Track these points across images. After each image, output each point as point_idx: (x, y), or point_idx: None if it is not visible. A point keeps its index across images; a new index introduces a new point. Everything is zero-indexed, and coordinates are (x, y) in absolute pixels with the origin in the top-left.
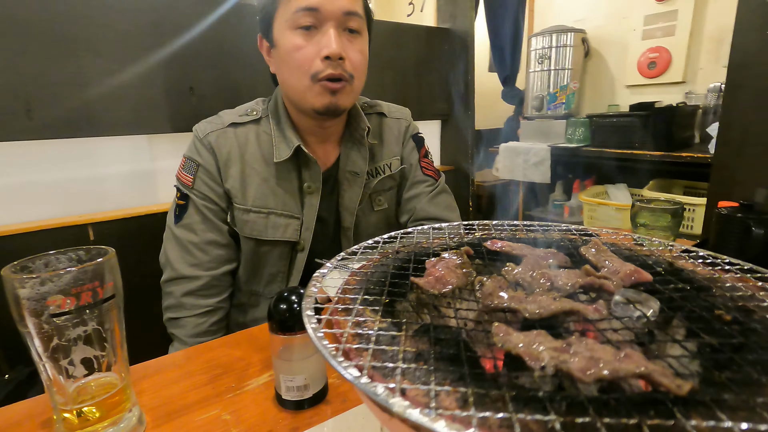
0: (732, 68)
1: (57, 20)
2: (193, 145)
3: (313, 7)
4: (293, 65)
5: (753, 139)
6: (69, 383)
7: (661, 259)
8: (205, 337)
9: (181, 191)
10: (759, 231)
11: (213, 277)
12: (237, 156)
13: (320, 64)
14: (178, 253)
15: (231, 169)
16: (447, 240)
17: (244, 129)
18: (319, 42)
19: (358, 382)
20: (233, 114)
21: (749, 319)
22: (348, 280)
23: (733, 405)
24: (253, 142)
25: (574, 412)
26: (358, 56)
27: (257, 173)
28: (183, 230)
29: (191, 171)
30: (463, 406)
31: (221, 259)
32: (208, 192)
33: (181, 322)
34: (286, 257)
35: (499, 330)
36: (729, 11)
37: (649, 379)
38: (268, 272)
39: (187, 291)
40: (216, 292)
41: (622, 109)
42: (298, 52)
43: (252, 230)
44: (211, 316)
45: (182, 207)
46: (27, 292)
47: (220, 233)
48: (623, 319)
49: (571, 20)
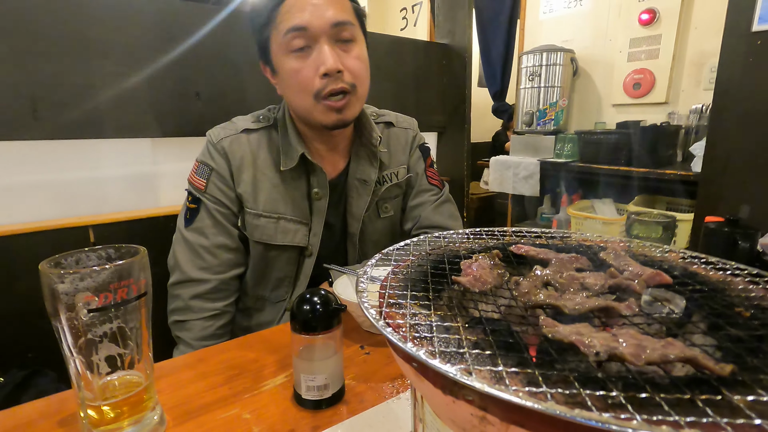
0: (718, 92)
1: (66, 21)
2: (206, 150)
3: (302, 26)
4: (295, 88)
5: (737, 158)
6: (97, 379)
7: (675, 264)
8: (211, 341)
9: (193, 195)
10: (745, 245)
11: (221, 281)
12: (249, 161)
13: (320, 82)
14: (187, 257)
15: (243, 174)
16: (466, 245)
17: (257, 135)
18: (315, 60)
19: (450, 370)
20: (247, 120)
21: (766, 315)
22: (391, 278)
23: (767, 384)
24: (264, 149)
25: (632, 389)
26: (357, 63)
27: (268, 179)
28: (193, 234)
29: (204, 175)
30: (529, 385)
31: (230, 263)
32: (221, 196)
33: (188, 325)
34: (293, 262)
35: (547, 323)
36: (709, 38)
37: (694, 362)
38: (276, 277)
39: (195, 294)
40: (224, 295)
41: (608, 127)
42: (298, 75)
43: (262, 235)
44: (217, 319)
45: (193, 211)
46: (65, 287)
47: (231, 237)
48: (654, 315)
49: (560, 40)
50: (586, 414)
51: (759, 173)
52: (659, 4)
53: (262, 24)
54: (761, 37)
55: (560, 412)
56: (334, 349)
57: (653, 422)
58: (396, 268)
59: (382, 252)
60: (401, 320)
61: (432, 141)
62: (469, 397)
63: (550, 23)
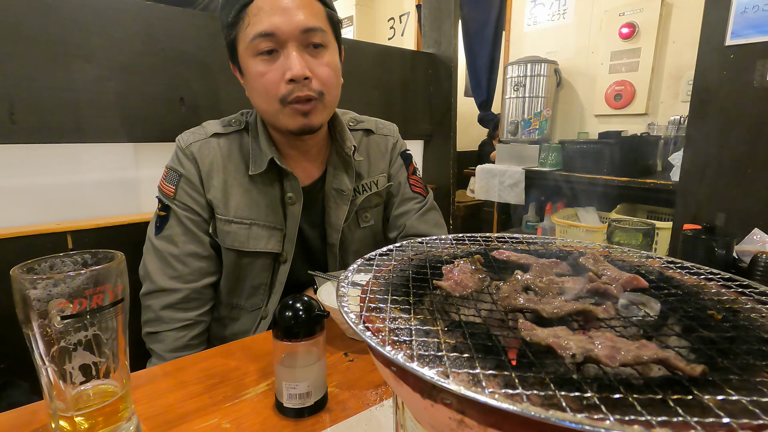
0: (694, 104)
1: (47, 25)
2: (175, 156)
3: (269, 32)
4: (260, 91)
5: (712, 168)
6: (70, 389)
7: (651, 269)
8: (185, 352)
9: (162, 202)
10: (721, 251)
11: (193, 290)
12: (220, 166)
13: (286, 87)
14: (157, 266)
15: (213, 180)
16: (449, 250)
17: (228, 139)
18: (282, 65)
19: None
20: (217, 124)
21: (737, 317)
22: (372, 283)
23: (736, 385)
24: (235, 153)
25: (606, 390)
26: (326, 70)
27: (240, 184)
28: (163, 242)
29: (173, 181)
30: (506, 387)
31: (202, 271)
32: (190, 202)
33: (160, 337)
34: (268, 269)
35: (526, 326)
36: (685, 52)
37: (666, 363)
38: (250, 284)
39: (166, 304)
40: (196, 305)
41: (591, 137)
42: (263, 78)
43: (233, 241)
44: (190, 329)
45: (163, 218)
46: (38, 293)
47: (201, 245)
48: (630, 318)
49: (544, 52)
50: (561, 415)
51: (733, 182)
52: (639, 19)
53: (230, 24)
54: (734, 51)
55: (535, 414)
56: (317, 355)
57: (626, 422)
58: (378, 273)
59: (365, 257)
60: (381, 324)
61: (418, 149)
62: (447, 400)
63: (534, 35)
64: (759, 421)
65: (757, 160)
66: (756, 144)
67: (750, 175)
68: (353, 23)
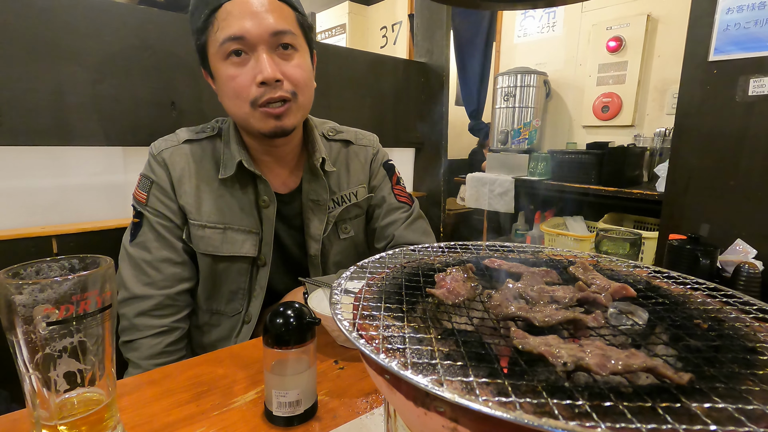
0: (678, 117)
1: (36, 27)
2: (148, 163)
3: (239, 36)
4: (231, 95)
5: (697, 179)
6: (54, 397)
7: (639, 278)
8: (161, 359)
9: (136, 209)
10: (705, 261)
11: (167, 296)
12: (191, 172)
13: (257, 90)
14: (131, 273)
15: (185, 185)
16: (440, 258)
17: (200, 145)
18: (252, 68)
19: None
20: (190, 131)
21: (722, 326)
22: (365, 291)
23: (722, 393)
24: (208, 159)
25: (597, 398)
26: (297, 71)
27: (211, 189)
28: (137, 249)
29: (145, 188)
30: (498, 395)
31: (176, 277)
32: (162, 209)
33: (135, 345)
34: (245, 273)
35: (518, 334)
36: (671, 66)
37: (654, 371)
38: (228, 290)
39: (140, 311)
40: (171, 312)
41: (579, 147)
42: (233, 82)
43: (207, 246)
44: (166, 336)
45: (137, 225)
46: (23, 299)
47: (175, 251)
48: (619, 327)
49: (533, 63)
50: (553, 422)
51: (716, 194)
52: (625, 33)
53: (199, 29)
54: (717, 66)
55: (528, 421)
56: (308, 363)
57: (617, 429)
58: (371, 281)
59: (358, 264)
60: (374, 332)
61: (410, 157)
62: (441, 408)
63: (524, 47)
64: (744, 428)
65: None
66: (738, 156)
67: (732, 187)
68: (346, 31)
